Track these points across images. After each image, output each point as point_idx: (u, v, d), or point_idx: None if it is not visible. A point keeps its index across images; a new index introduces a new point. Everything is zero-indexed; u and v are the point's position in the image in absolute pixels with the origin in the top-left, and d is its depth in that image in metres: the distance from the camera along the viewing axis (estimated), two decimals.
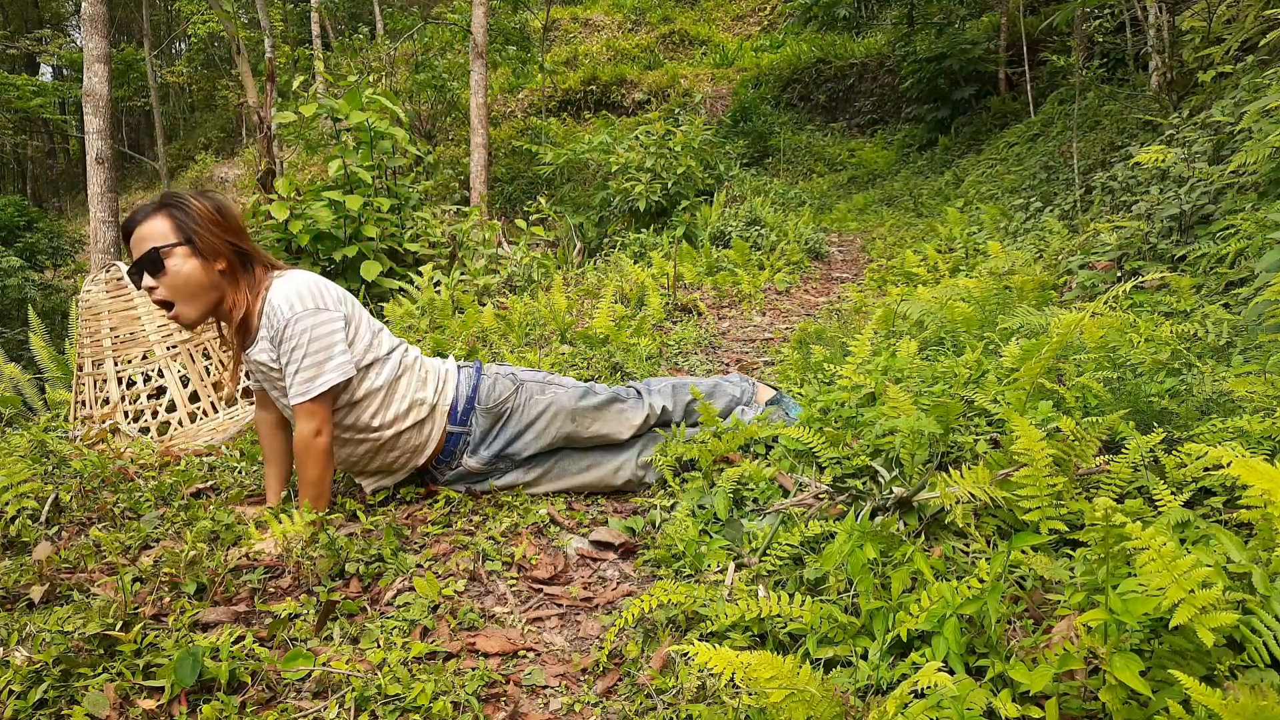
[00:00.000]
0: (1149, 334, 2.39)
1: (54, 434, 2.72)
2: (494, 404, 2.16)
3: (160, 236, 1.87)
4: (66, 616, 1.46)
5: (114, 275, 2.91)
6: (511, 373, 2.23)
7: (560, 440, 2.18)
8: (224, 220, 1.93)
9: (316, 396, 1.91)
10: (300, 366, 1.89)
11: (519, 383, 2.20)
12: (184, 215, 1.89)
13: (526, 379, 2.22)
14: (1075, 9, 7.23)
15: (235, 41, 12.32)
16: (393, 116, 6.07)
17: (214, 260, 1.90)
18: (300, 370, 1.89)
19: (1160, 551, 1.02)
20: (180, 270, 1.88)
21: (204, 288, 1.91)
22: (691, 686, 1.29)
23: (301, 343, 1.88)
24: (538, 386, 2.20)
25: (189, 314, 1.93)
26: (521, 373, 2.24)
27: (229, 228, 1.93)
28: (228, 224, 1.93)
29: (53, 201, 25.99)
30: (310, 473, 1.93)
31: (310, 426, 1.92)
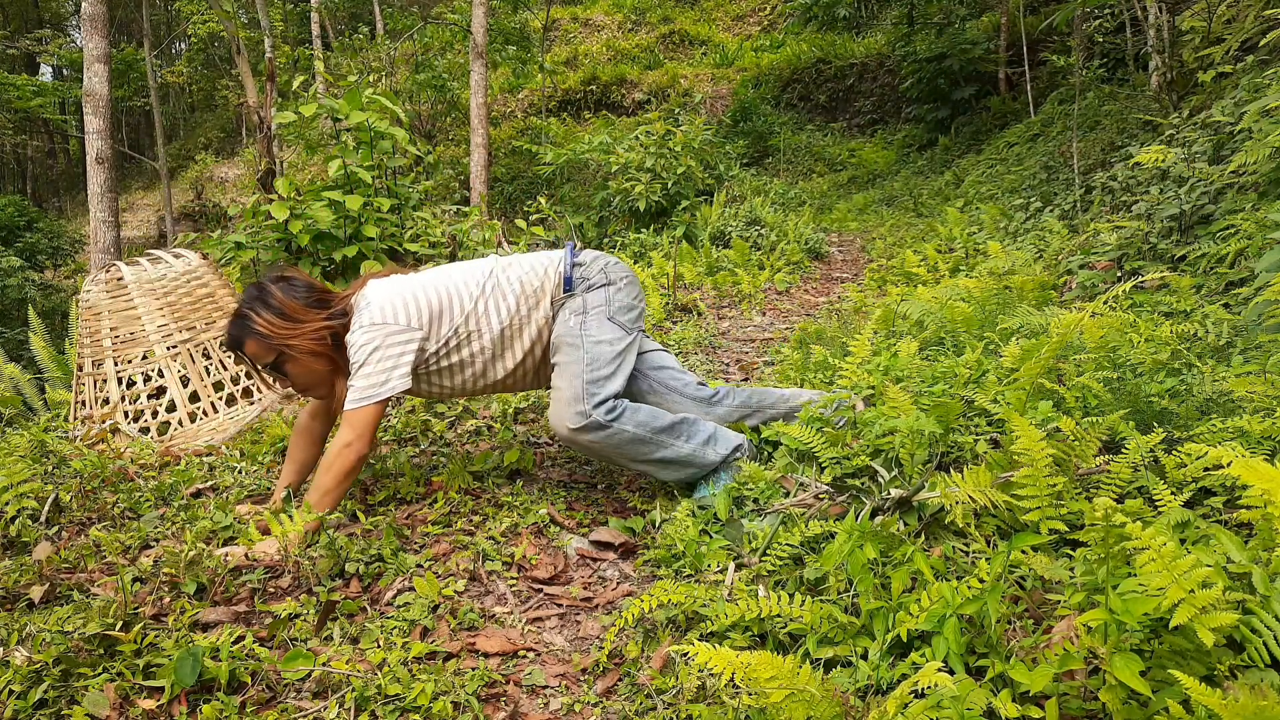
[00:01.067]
0: (1149, 334, 2.39)
1: (54, 434, 2.72)
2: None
3: (255, 358, 2.03)
4: (66, 616, 1.46)
5: (114, 275, 2.91)
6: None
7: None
8: (290, 318, 2.00)
9: (362, 408, 1.92)
10: (359, 374, 1.94)
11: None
12: (260, 335, 1.99)
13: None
14: (1075, 9, 7.23)
15: (235, 41, 12.32)
16: (393, 116, 6.07)
17: (311, 354, 2.01)
18: (358, 378, 1.94)
19: (1160, 551, 1.02)
20: (297, 375, 2.05)
21: (319, 375, 2.06)
22: (691, 686, 1.29)
23: (366, 354, 1.95)
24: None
25: (321, 395, 2.12)
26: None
27: (298, 319, 2.00)
28: (303, 319, 2.00)
29: (53, 201, 25.97)
30: (325, 480, 1.93)
31: (344, 436, 1.93)
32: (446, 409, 2.92)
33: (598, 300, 2.10)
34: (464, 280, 2.11)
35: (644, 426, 1.99)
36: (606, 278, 2.14)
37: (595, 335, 2.04)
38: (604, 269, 2.15)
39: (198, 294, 2.99)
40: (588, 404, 1.95)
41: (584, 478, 2.37)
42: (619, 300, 2.12)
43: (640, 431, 1.98)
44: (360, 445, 1.93)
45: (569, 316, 2.08)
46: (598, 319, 2.07)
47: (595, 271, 2.14)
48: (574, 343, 2.03)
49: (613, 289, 2.13)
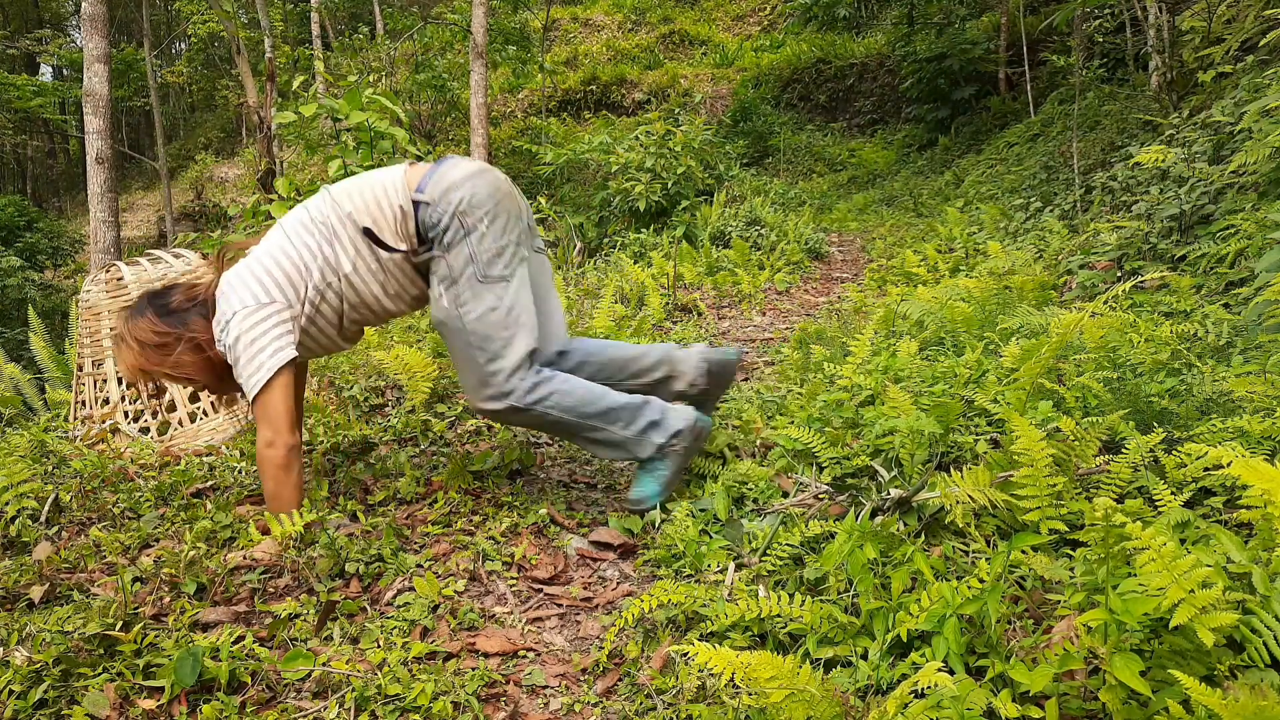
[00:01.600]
0: (1149, 334, 2.39)
1: (54, 434, 2.72)
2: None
3: (137, 374, 1.94)
4: (66, 616, 1.46)
5: (114, 275, 2.91)
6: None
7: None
8: (157, 348, 1.89)
9: (259, 397, 1.80)
10: (239, 370, 1.82)
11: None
12: (143, 371, 1.92)
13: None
14: (1075, 9, 7.23)
15: (235, 41, 12.32)
16: (393, 116, 6.07)
17: (190, 373, 1.92)
18: (241, 373, 1.83)
19: (1160, 551, 1.02)
20: (206, 384, 2.00)
21: (209, 380, 1.97)
22: (691, 686, 1.29)
23: (238, 349, 1.82)
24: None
25: (220, 393, 2.05)
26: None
27: (166, 344, 1.89)
28: (162, 343, 1.89)
29: (53, 201, 25.97)
30: (267, 486, 1.84)
31: (262, 434, 1.82)
32: (446, 409, 2.92)
33: (460, 261, 1.83)
34: (303, 234, 1.90)
35: (573, 412, 1.88)
36: (463, 226, 1.83)
37: (473, 310, 1.83)
38: (457, 211, 1.83)
39: None
40: (497, 388, 1.82)
41: (584, 478, 2.37)
42: (486, 249, 1.84)
43: (567, 417, 1.88)
44: (280, 437, 1.80)
45: (438, 291, 1.86)
46: (469, 287, 1.83)
47: (448, 217, 1.83)
48: (455, 327, 1.85)
49: (475, 237, 1.83)
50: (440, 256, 1.85)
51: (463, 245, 1.84)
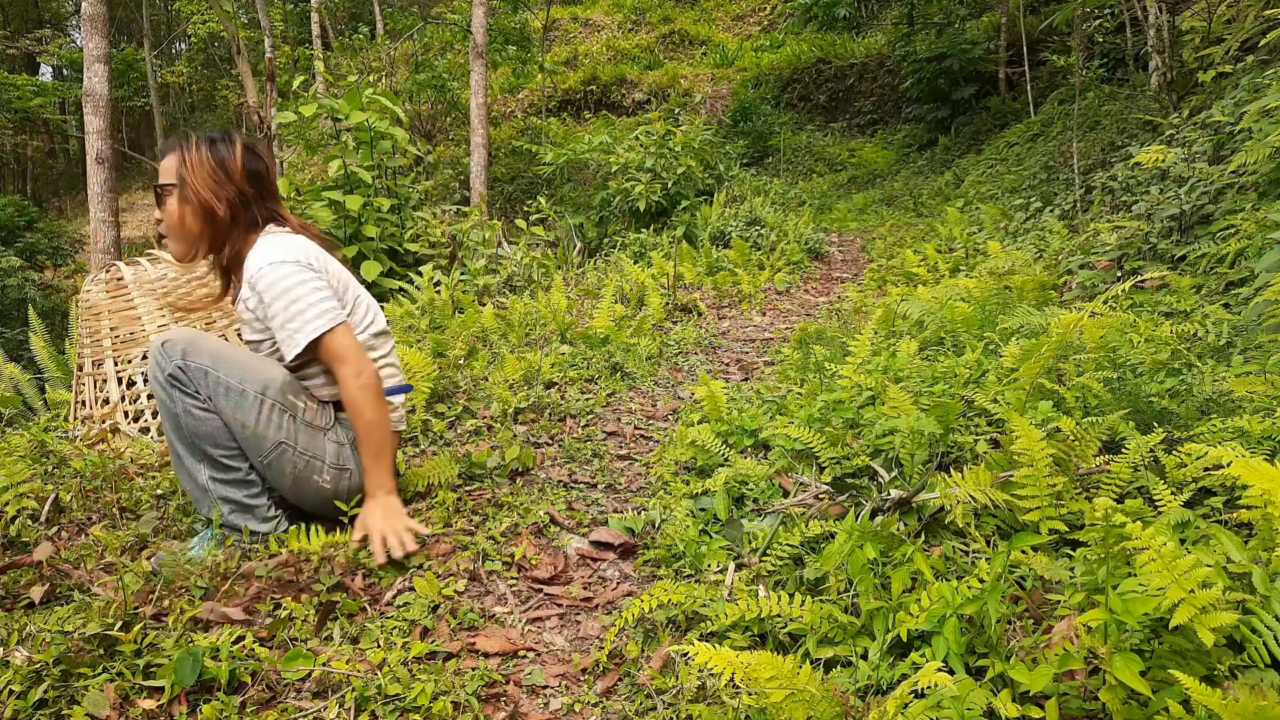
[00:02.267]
0: (1149, 334, 2.39)
1: (54, 434, 2.72)
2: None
3: (165, 173, 1.90)
4: (66, 616, 1.46)
5: (114, 275, 2.91)
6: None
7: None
8: (221, 172, 1.87)
9: (326, 335, 1.79)
10: (286, 317, 1.80)
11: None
12: (183, 160, 1.88)
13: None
14: (1075, 9, 7.23)
15: (235, 41, 12.33)
16: (393, 116, 6.07)
17: (202, 208, 1.86)
18: (288, 319, 1.80)
19: (1160, 551, 1.02)
20: (171, 210, 1.89)
21: (189, 231, 1.88)
22: (691, 686, 1.29)
23: (279, 291, 1.80)
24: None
25: (174, 250, 1.93)
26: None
27: (226, 180, 1.87)
28: (226, 176, 1.87)
29: (53, 201, 25.96)
30: (366, 416, 1.79)
31: (346, 370, 1.80)
32: (446, 409, 2.92)
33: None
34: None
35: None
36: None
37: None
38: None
39: (198, 294, 2.99)
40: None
41: (584, 478, 2.37)
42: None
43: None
44: (365, 365, 1.81)
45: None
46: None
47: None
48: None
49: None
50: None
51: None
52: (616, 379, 3.38)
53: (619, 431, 2.78)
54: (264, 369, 1.84)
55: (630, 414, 2.97)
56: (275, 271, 1.80)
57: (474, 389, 3.18)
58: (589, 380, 3.36)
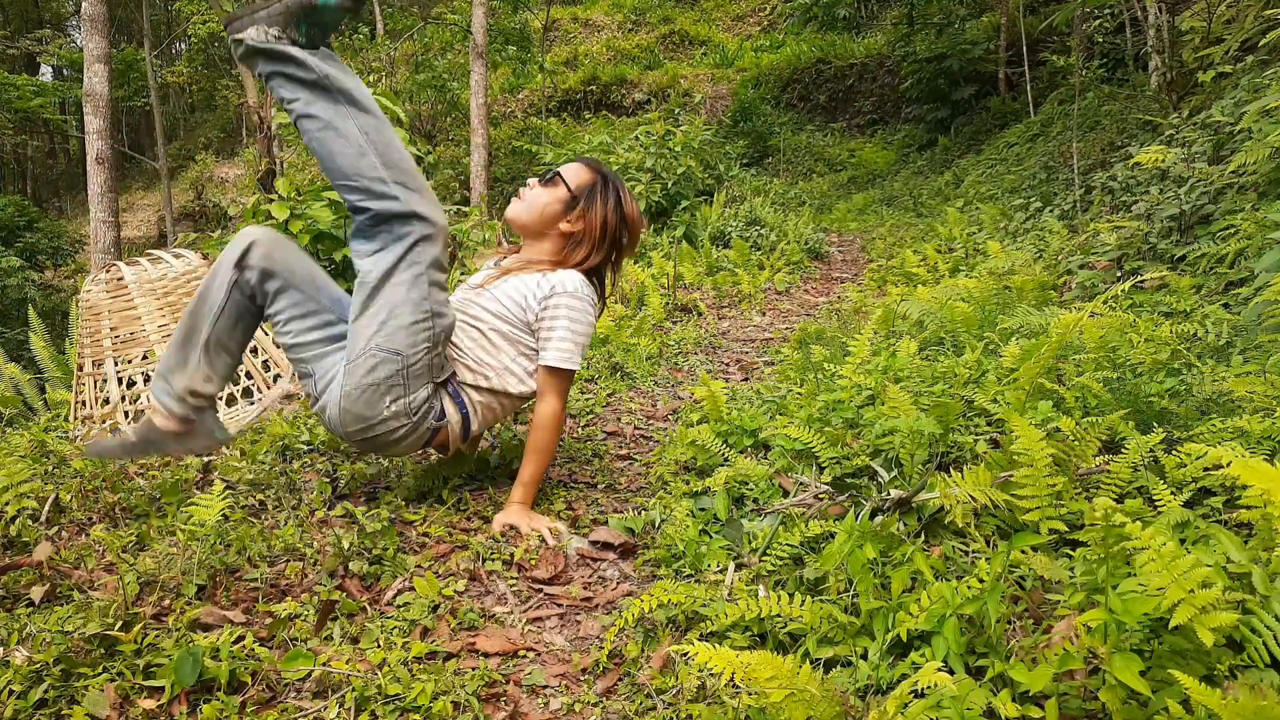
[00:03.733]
0: (1149, 334, 2.39)
1: (54, 434, 2.71)
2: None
3: (576, 176, 2.12)
4: (66, 616, 1.46)
5: (114, 275, 2.91)
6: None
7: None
8: (622, 225, 2.12)
9: (568, 370, 2.03)
10: (571, 332, 2.02)
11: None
12: (605, 190, 2.11)
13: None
14: (1075, 9, 7.23)
15: None
16: (393, 116, 6.07)
17: (564, 222, 2.10)
18: (571, 336, 2.02)
19: (1160, 551, 1.02)
20: (548, 198, 2.11)
21: (544, 222, 2.12)
22: (691, 686, 1.29)
23: (588, 320, 2.05)
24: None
25: (518, 214, 2.14)
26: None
27: (616, 233, 2.12)
28: (620, 230, 2.12)
29: (53, 201, 25.97)
30: (546, 443, 2.02)
31: (556, 403, 2.03)
32: None
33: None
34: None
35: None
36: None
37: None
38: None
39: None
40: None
41: (584, 478, 2.37)
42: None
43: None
44: (564, 405, 2.06)
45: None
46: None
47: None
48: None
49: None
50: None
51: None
52: (616, 379, 3.38)
53: (619, 431, 2.78)
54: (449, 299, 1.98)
55: (630, 414, 2.97)
56: (589, 305, 2.07)
57: None
58: (589, 380, 3.36)
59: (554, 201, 2.10)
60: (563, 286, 2.03)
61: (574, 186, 2.10)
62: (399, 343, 1.85)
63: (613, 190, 2.12)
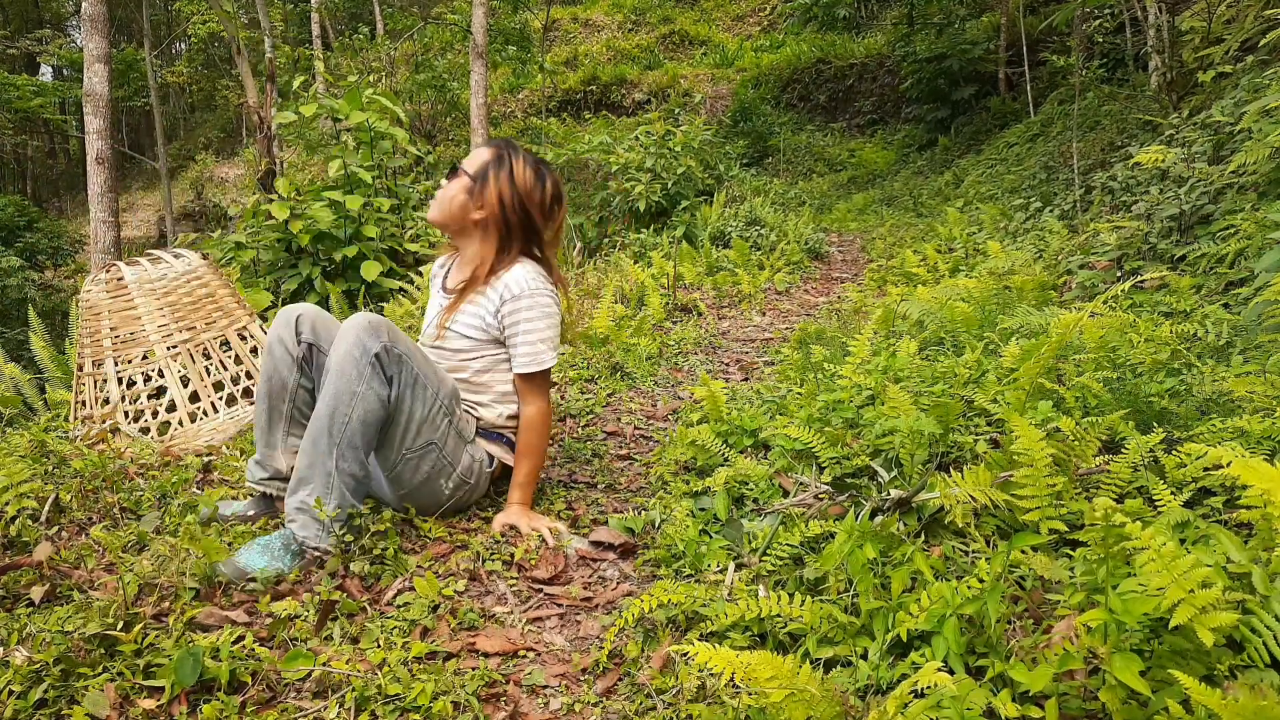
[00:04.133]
0: (1149, 334, 2.39)
1: (54, 434, 2.71)
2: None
3: (472, 161, 2.07)
4: (66, 616, 1.46)
5: (114, 275, 2.91)
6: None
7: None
8: (516, 196, 2.03)
9: (548, 369, 2.02)
10: (531, 334, 2.00)
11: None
12: (498, 165, 2.04)
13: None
14: (1075, 9, 7.23)
15: (235, 41, 12.33)
16: (393, 116, 6.07)
17: (478, 208, 2.04)
18: (533, 338, 2.00)
19: (1160, 551, 1.02)
20: (452, 188, 2.07)
21: (455, 216, 2.07)
22: (691, 686, 1.29)
23: (545, 313, 2.01)
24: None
25: (432, 215, 2.12)
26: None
27: (528, 205, 2.04)
28: (518, 200, 2.03)
29: (53, 201, 25.97)
30: (538, 444, 2.02)
31: (540, 404, 2.03)
32: None
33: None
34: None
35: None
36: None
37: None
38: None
39: (198, 294, 2.99)
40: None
41: (584, 478, 2.37)
42: None
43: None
44: (549, 404, 2.06)
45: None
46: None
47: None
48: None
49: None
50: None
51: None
52: (616, 379, 3.38)
53: (619, 431, 2.78)
54: (438, 370, 1.94)
55: (630, 414, 2.97)
56: (544, 297, 2.02)
57: None
58: (589, 380, 3.36)
59: (459, 192, 2.05)
60: (509, 291, 2.00)
61: (472, 171, 2.05)
62: (425, 437, 1.88)
63: (506, 162, 2.04)
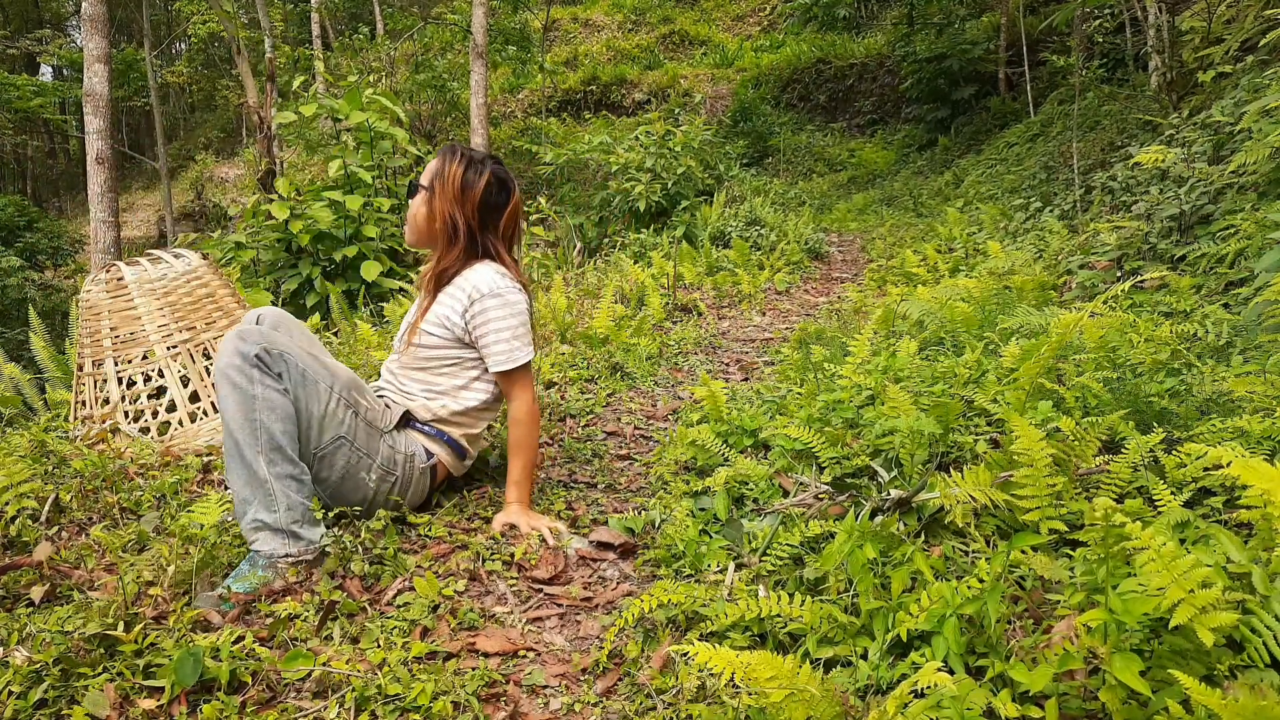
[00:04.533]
0: (1149, 334, 2.39)
1: (54, 434, 2.71)
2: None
3: (426, 173, 2.09)
4: (66, 616, 1.46)
5: (114, 275, 2.91)
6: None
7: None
8: (461, 195, 2.04)
9: (528, 364, 2.05)
10: (515, 334, 2.03)
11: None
12: (439, 172, 2.06)
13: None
14: (1075, 9, 7.23)
15: (235, 41, 12.33)
16: (393, 116, 6.07)
17: (438, 216, 2.06)
18: (504, 335, 2.02)
19: (1160, 551, 1.02)
20: (414, 205, 2.11)
21: (423, 229, 2.11)
22: (691, 686, 1.29)
23: (513, 310, 2.03)
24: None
25: (408, 238, 2.17)
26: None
27: (465, 203, 2.04)
28: (464, 200, 2.04)
29: (53, 201, 25.97)
30: (530, 438, 2.05)
31: (526, 397, 2.05)
32: None
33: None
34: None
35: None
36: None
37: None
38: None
39: (198, 294, 2.99)
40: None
41: (584, 478, 2.37)
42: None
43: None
44: (535, 396, 2.08)
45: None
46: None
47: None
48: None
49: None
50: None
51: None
52: (616, 379, 3.38)
53: (619, 431, 2.78)
54: (331, 362, 1.93)
55: (630, 414, 2.97)
56: (511, 295, 2.04)
57: None
58: (589, 380, 3.36)
59: (420, 205, 2.09)
60: (476, 291, 2.02)
61: (425, 181, 2.09)
62: (331, 432, 1.86)
63: (446, 166, 2.05)
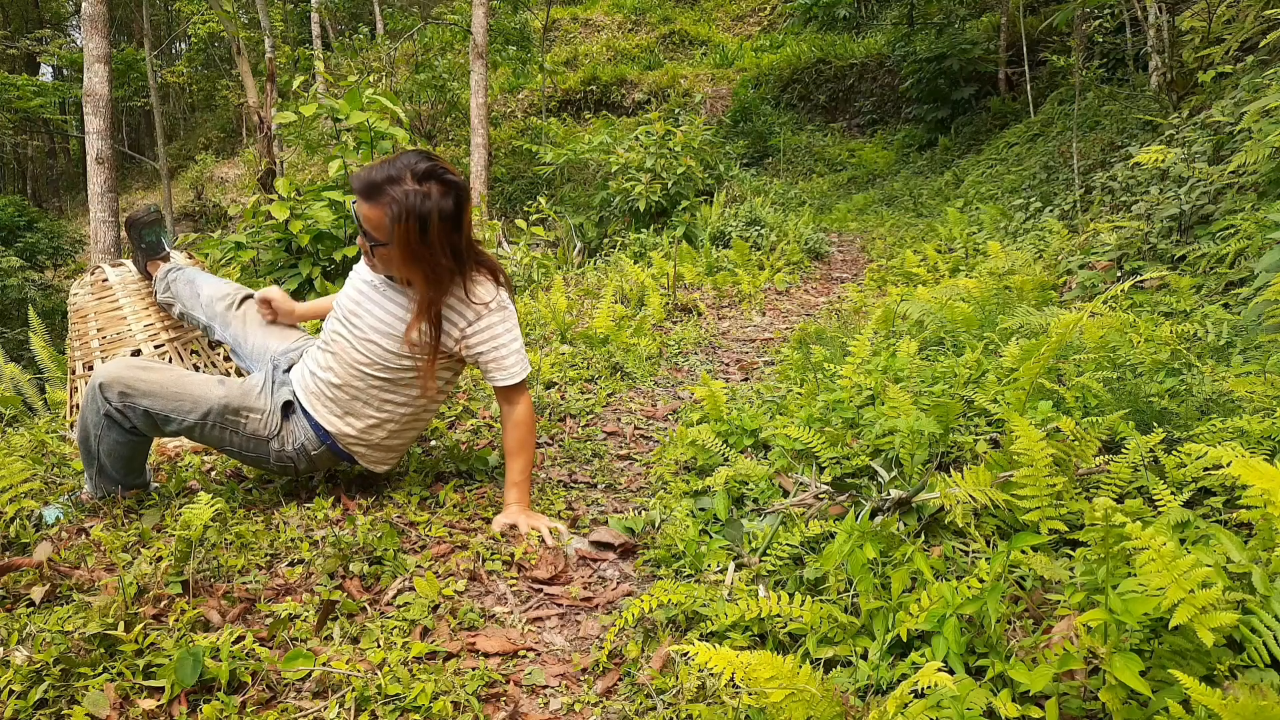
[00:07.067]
0: (1149, 334, 2.39)
1: (54, 434, 2.71)
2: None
3: (375, 226, 1.87)
4: (66, 616, 1.46)
5: (98, 278, 2.91)
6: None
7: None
8: (424, 247, 1.87)
9: (527, 376, 2.07)
10: (519, 342, 2.04)
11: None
12: (392, 216, 1.84)
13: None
14: (1075, 9, 7.23)
15: (235, 41, 12.32)
16: (393, 116, 6.07)
17: (410, 268, 1.91)
18: (520, 345, 2.04)
19: (1160, 551, 1.02)
20: (385, 257, 1.93)
21: (403, 272, 1.96)
22: (691, 686, 1.29)
23: (515, 321, 2.05)
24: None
25: (384, 272, 2.02)
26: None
27: (429, 252, 1.88)
28: (428, 248, 1.87)
29: (53, 201, 25.97)
30: (530, 442, 2.07)
31: (527, 406, 2.07)
32: (446, 409, 2.92)
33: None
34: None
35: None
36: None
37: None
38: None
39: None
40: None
41: (584, 478, 2.37)
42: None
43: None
44: (529, 400, 2.10)
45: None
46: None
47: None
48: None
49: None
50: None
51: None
52: (616, 379, 3.38)
53: (619, 431, 2.78)
54: (204, 394, 2.00)
55: (630, 414, 2.97)
56: (509, 306, 2.06)
57: (474, 388, 3.18)
58: (589, 380, 3.36)
59: (390, 256, 1.91)
60: (476, 314, 1.99)
61: (383, 236, 1.88)
62: (213, 437, 2.03)
63: (400, 219, 1.85)
